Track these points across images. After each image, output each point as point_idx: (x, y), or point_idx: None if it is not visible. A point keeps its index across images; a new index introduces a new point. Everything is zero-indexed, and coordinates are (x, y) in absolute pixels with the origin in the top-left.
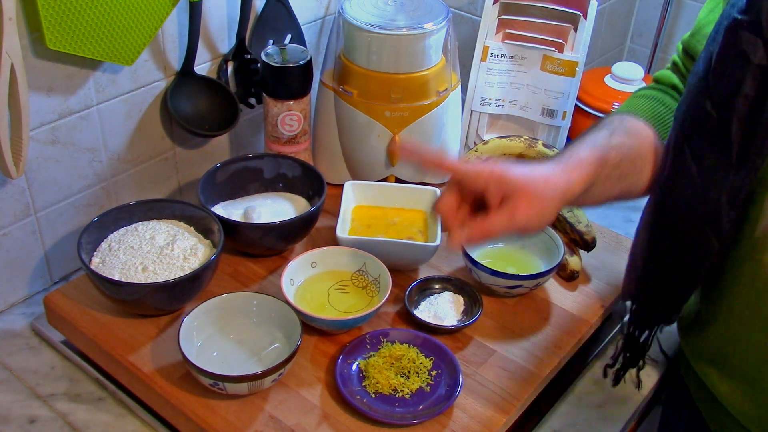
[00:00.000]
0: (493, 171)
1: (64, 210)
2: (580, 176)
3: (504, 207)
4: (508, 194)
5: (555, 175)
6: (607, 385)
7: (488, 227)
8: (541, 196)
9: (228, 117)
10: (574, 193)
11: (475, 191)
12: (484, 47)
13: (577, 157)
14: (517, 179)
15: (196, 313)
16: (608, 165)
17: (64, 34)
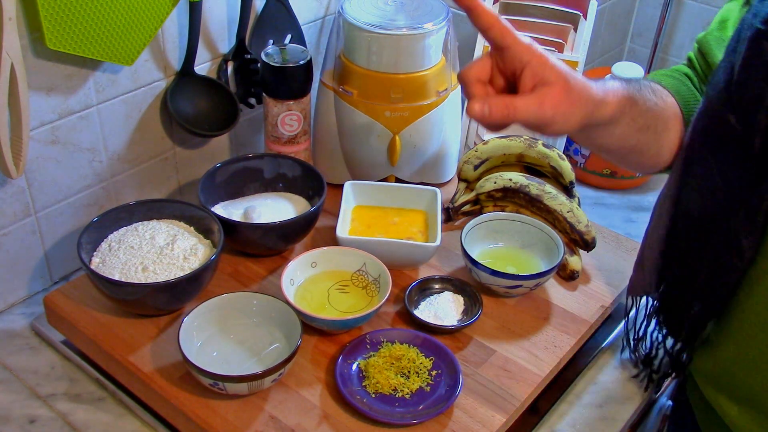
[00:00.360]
0: (537, 50)
1: (64, 210)
2: (613, 102)
3: (536, 92)
4: (544, 80)
5: (593, 86)
6: (607, 385)
7: (514, 106)
8: (575, 95)
9: (228, 117)
10: (603, 112)
11: (513, 66)
12: (484, 47)
13: (612, 86)
14: (558, 70)
15: (196, 313)
16: (636, 108)
17: (64, 34)
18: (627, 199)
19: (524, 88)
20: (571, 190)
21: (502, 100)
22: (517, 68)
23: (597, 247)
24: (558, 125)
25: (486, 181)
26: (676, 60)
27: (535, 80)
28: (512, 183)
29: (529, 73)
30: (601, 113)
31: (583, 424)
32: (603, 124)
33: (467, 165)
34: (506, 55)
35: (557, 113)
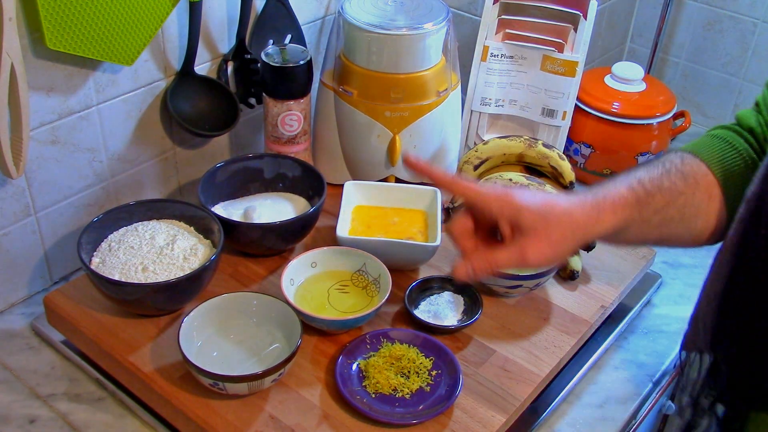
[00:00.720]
0: (506, 198)
1: (64, 210)
2: (610, 217)
3: (515, 242)
4: (521, 229)
5: (579, 211)
6: (607, 385)
7: (495, 261)
8: (557, 235)
9: (228, 117)
10: (598, 233)
11: (487, 220)
12: (484, 47)
13: (613, 195)
14: (532, 213)
15: (196, 313)
16: (649, 208)
17: (64, 34)
18: None
19: (505, 236)
20: (571, 190)
21: (484, 257)
22: (491, 221)
23: (597, 247)
24: (547, 265)
25: (486, 181)
26: (675, 60)
27: (512, 229)
28: (512, 183)
29: (504, 224)
30: (596, 233)
31: (583, 424)
32: (605, 238)
33: (467, 165)
34: (476, 211)
35: (541, 259)
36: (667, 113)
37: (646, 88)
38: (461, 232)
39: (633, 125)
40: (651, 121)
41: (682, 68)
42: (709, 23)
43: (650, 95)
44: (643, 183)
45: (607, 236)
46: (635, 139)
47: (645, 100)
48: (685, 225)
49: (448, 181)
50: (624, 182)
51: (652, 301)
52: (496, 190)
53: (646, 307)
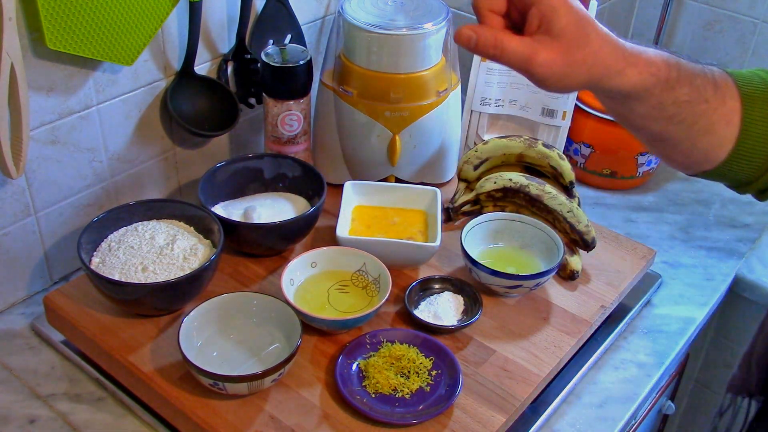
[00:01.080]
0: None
1: (64, 210)
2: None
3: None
4: (549, 29)
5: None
6: (607, 385)
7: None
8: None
9: (228, 117)
10: (615, 83)
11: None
12: None
13: (649, 58)
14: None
15: (196, 313)
16: (671, 94)
17: (64, 34)
18: (627, 199)
19: (528, 28)
20: (571, 190)
21: (493, 35)
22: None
23: (597, 247)
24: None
25: (486, 181)
26: None
27: (539, 25)
28: (512, 183)
29: (535, 14)
30: (612, 83)
31: (583, 424)
32: (616, 95)
33: (467, 165)
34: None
35: (547, 72)
36: None
37: None
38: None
39: None
40: None
41: None
42: (709, 23)
43: None
44: (680, 67)
45: (619, 95)
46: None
47: None
48: (690, 135)
49: None
50: (663, 54)
51: (652, 301)
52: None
53: (646, 307)
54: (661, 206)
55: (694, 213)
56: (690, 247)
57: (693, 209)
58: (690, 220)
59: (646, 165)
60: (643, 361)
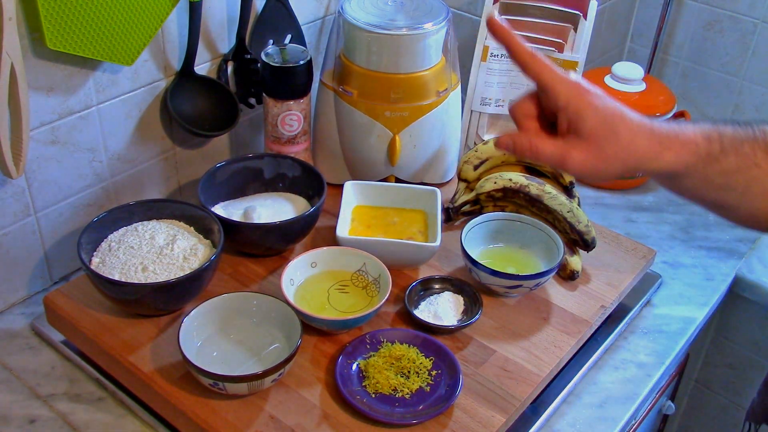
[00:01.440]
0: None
1: (64, 210)
2: (671, 158)
3: (566, 140)
4: (577, 130)
5: (644, 139)
6: (607, 385)
7: (537, 148)
8: (610, 151)
9: (228, 117)
10: (652, 168)
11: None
12: (484, 47)
13: (686, 136)
14: (598, 118)
15: (196, 313)
16: (716, 166)
17: (64, 34)
18: (627, 199)
19: (560, 130)
20: (571, 190)
21: (528, 141)
22: (553, 110)
23: (597, 247)
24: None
25: (486, 181)
26: (675, 60)
27: (569, 128)
28: (512, 183)
29: (563, 119)
30: (650, 168)
31: (583, 424)
32: (658, 176)
33: (467, 165)
34: (544, 96)
35: (581, 170)
36: (667, 113)
37: (646, 88)
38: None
39: None
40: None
41: (682, 68)
42: (709, 23)
43: (650, 95)
44: (723, 138)
45: (661, 176)
46: None
47: (645, 100)
48: (746, 200)
49: (528, 55)
50: (704, 129)
51: (652, 301)
52: (573, 79)
53: (646, 307)
54: (661, 206)
55: (694, 213)
56: (690, 247)
57: (693, 209)
58: (690, 220)
59: None
60: (643, 361)
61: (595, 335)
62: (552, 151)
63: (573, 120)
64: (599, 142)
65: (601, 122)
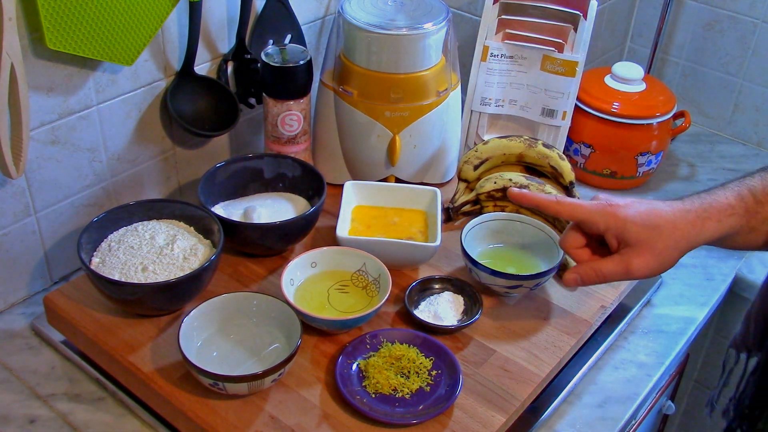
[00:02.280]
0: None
1: (64, 210)
2: (715, 226)
3: (621, 254)
4: (627, 242)
5: (683, 221)
6: (607, 385)
7: (602, 271)
8: (661, 246)
9: (228, 117)
10: (702, 241)
11: (595, 233)
12: (484, 47)
13: (720, 203)
14: (637, 226)
15: (196, 313)
16: (757, 217)
17: (64, 34)
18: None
19: (612, 248)
20: (571, 190)
21: (591, 268)
22: (599, 235)
23: None
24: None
25: (486, 181)
26: (675, 60)
27: (619, 243)
28: (512, 183)
29: (611, 238)
30: (701, 241)
31: (583, 424)
32: (711, 244)
33: (467, 165)
34: (584, 227)
35: (647, 270)
36: (667, 113)
37: (646, 88)
38: (573, 245)
39: (633, 125)
40: (651, 121)
41: (682, 68)
42: (709, 23)
43: (650, 95)
44: (754, 192)
45: (712, 243)
46: (635, 139)
47: (645, 100)
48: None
49: (554, 204)
50: (734, 189)
51: (652, 301)
52: (600, 206)
53: (646, 307)
54: None
55: None
56: None
57: None
58: None
59: (646, 165)
60: (643, 361)
61: (595, 335)
62: (615, 269)
63: (620, 236)
64: (649, 243)
65: (642, 227)
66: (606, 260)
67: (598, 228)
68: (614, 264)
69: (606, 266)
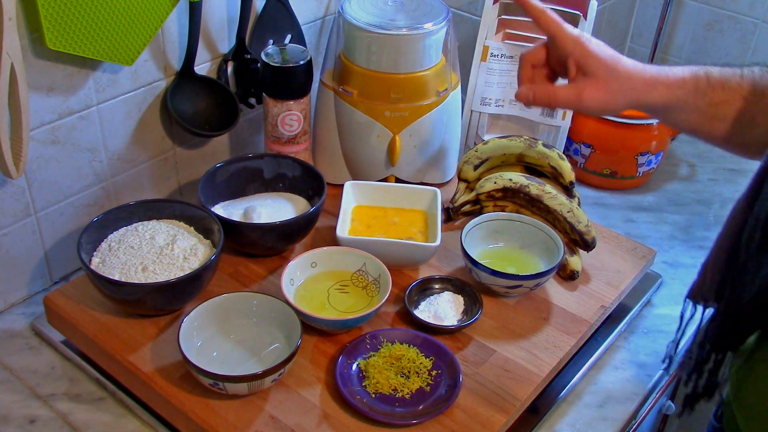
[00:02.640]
0: (582, 42)
1: (64, 210)
2: (663, 91)
3: (577, 82)
4: (585, 70)
5: (638, 76)
6: (607, 385)
7: (554, 94)
8: (615, 87)
9: (228, 117)
10: (649, 101)
11: (559, 55)
12: (484, 47)
13: (674, 74)
14: (600, 61)
15: (196, 313)
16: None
17: (64, 34)
18: (627, 199)
19: (570, 74)
20: (571, 190)
21: (545, 88)
22: (562, 57)
23: (597, 247)
24: (598, 111)
25: (486, 181)
26: (675, 60)
27: (577, 70)
28: (512, 183)
29: (571, 63)
30: (648, 100)
31: (583, 424)
32: (656, 109)
33: (467, 165)
34: (552, 44)
35: (595, 103)
36: None
37: None
38: (531, 58)
39: (633, 125)
40: (651, 121)
41: None
42: (709, 23)
43: None
44: (710, 75)
45: (657, 109)
46: (635, 139)
47: None
48: (737, 130)
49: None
50: (692, 69)
51: (652, 301)
52: (575, 33)
53: (646, 307)
54: (661, 206)
55: (694, 213)
56: (690, 247)
57: (693, 209)
58: (690, 220)
59: (646, 165)
60: (643, 361)
61: (595, 335)
62: (568, 93)
63: (581, 62)
64: (605, 78)
65: (603, 64)
66: (560, 86)
67: (565, 47)
68: (568, 90)
69: (560, 90)
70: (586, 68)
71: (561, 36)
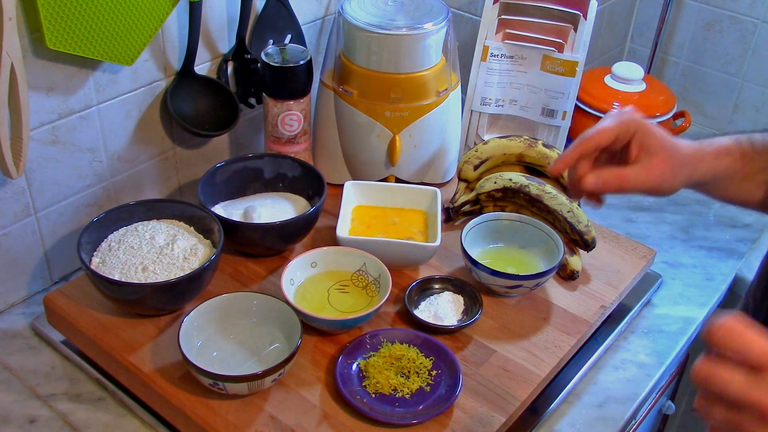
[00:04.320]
0: (638, 120)
1: (64, 210)
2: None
3: (641, 161)
4: (649, 150)
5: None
6: (607, 385)
7: (626, 177)
8: (677, 160)
9: (228, 117)
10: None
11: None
12: (484, 47)
13: (717, 143)
14: (657, 139)
15: (196, 313)
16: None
17: (64, 34)
18: (627, 199)
19: (631, 156)
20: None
21: (614, 172)
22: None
23: (597, 247)
24: (664, 189)
25: (486, 181)
26: (675, 60)
27: (639, 150)
28: (512, 183)
29: (634, 144)
30: (700, 171)
31: (583, 424)
32: (707, 181)
33: (467, 165)
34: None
35: (663, 180)
36: (667, 113)
37: (646, 88)
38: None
39: None
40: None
41: (682, 68)
42: (709, 23)
43: (650, 95)
44: (753, 141)
45: (709, 181)
46: None
47: (645, 100)
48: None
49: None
50: (733, 136)
51: (652, 301)
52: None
53: (646, 307)
54: (661, 206)
55: (694, 213)
56: (690, 247)
57: (693, 209)
58: (690, 220)
59: None
60: (643, 361)
61: (595, 335)
62: (637, 173)
63: (643, 141)
64: (669, 150)
65: (661, 141)
66: (629, 167)
67: (628, 133)
68: (636, 168)
69: (628, 170)
70: (649, 146)
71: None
